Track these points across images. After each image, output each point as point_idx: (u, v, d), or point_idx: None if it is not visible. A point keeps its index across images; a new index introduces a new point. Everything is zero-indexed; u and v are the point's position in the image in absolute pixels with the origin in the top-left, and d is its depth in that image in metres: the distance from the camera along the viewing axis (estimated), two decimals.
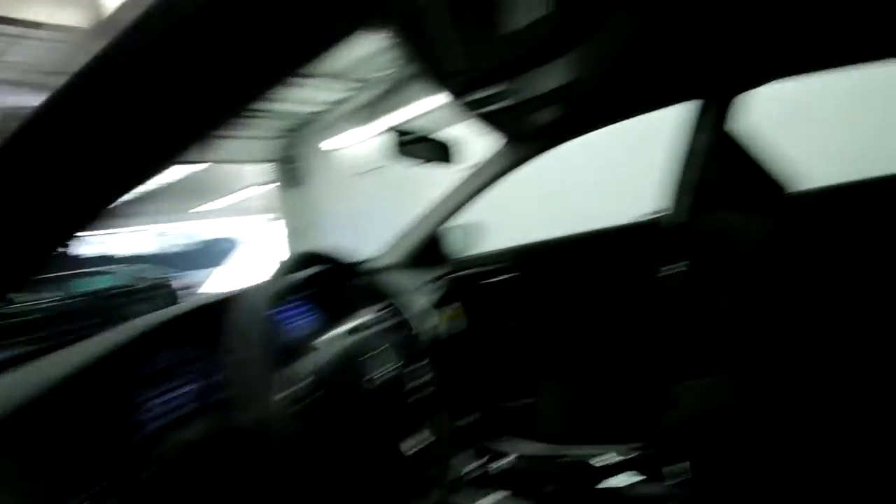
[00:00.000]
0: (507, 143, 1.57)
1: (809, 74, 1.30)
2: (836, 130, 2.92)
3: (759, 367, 0.94)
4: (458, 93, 1.07)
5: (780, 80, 1.33)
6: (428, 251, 1.80)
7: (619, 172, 3.76)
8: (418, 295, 1.48)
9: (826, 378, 0.87)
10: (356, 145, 5.83)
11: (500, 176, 1.63)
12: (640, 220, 1.82)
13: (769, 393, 0.89)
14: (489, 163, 1.64)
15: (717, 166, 1.38)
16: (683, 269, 1.53)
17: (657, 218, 1.73)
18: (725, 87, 1.41)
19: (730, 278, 1.27)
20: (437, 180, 1.72)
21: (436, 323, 1.47)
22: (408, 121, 4.77)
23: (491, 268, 1.90)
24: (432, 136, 1.30)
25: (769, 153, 1.28)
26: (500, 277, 1.89)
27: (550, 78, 1.07)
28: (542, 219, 2.85)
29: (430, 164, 1.31)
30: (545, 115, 1.34)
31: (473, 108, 1.18)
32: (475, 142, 1.56)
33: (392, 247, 1.78)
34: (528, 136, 1.53)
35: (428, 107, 4.58)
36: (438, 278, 1.71)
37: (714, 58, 1.24)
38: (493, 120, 1.29)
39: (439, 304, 1.60)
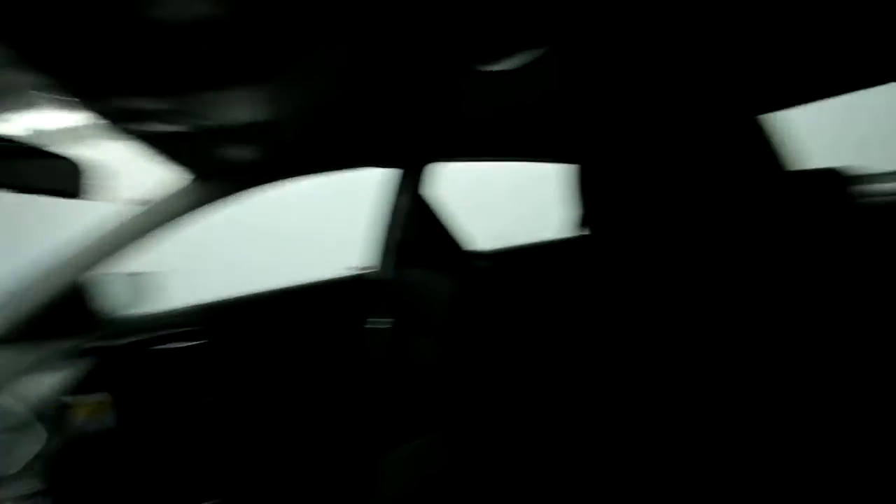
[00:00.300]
0: (191, 178, 1.26)
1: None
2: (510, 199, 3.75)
3: (463, 427, 0.94)
4: (97, 104, 0.75)
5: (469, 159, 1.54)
6: (62, 313, 1.25)
7: (331, 222, 3.79)
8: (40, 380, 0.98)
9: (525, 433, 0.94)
10: None
11: (179, 216, 1.28)
12: (347, 274, 1.78)
13: (473, 453, 0.90)
14: (164, 200, 1.27)
15: (414, 227, 1.46)
16: (389, 325, 1.54)
17: (364, 273, 1.72)
18: (420, 157, 1.53)
19: (427, 335, 1.32)
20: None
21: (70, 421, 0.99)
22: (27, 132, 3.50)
23: (165, 333, 1.48)
24: (55, 153, 0.88)
25: (453, 218, 1.43)
26: (180, 344, 1.49)
27: (240, 111, 0.89)
28: (239, 269, 2.53)
29: (43, 193, 0.88)
30: (237, 154, 1.12)
31: (130, 129, 0.86)
32: (142, 172, 1.19)
33: None
34: (215, 174, 1.26)
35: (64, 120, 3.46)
36: (77, 352, 1.20)
37: (411, 128, 1.33)
38: (164, 148, 0.99)
39: (78, 391, 1.10)
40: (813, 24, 0.82)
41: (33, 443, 0.91)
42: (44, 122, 3.33)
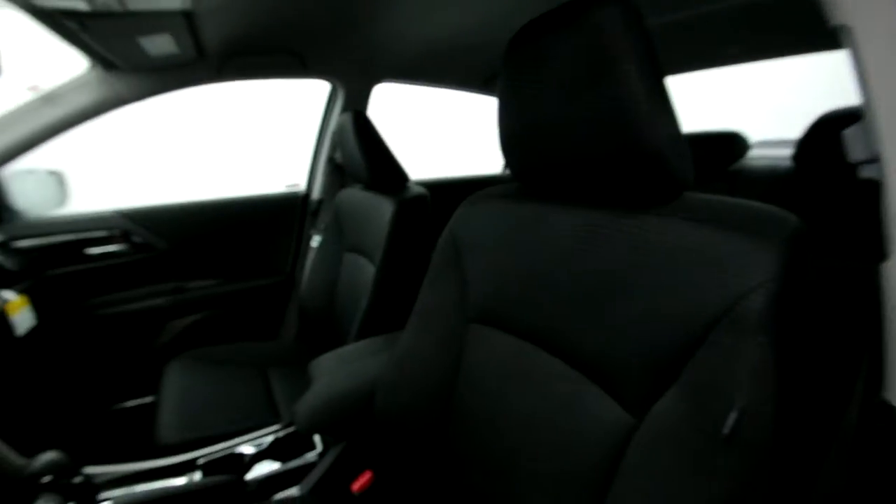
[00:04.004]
0: (103, 69, 1.18)
1: None
2: None
3: None
4: None
5: None
6: None
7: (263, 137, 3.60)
8: None
9: None
10: None
11: (94, 113, 1.21)
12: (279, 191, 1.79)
13: None
14: (77, 91, 1.19)
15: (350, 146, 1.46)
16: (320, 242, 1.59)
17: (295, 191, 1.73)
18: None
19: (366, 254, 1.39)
20: None
21: None
22: None
23: (95, 234, 1.43)
24: None
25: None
26: (106, 248, 1.46)
27: None
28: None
29: None
30: (159, 46, 1.06)
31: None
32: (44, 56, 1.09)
33: None
34: (136, 66, 1.19)
35: None
36: None
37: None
38: (72, 31, 0.91)
39: None
40: None
41: None
42: None
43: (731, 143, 1.60)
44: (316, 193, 1.78)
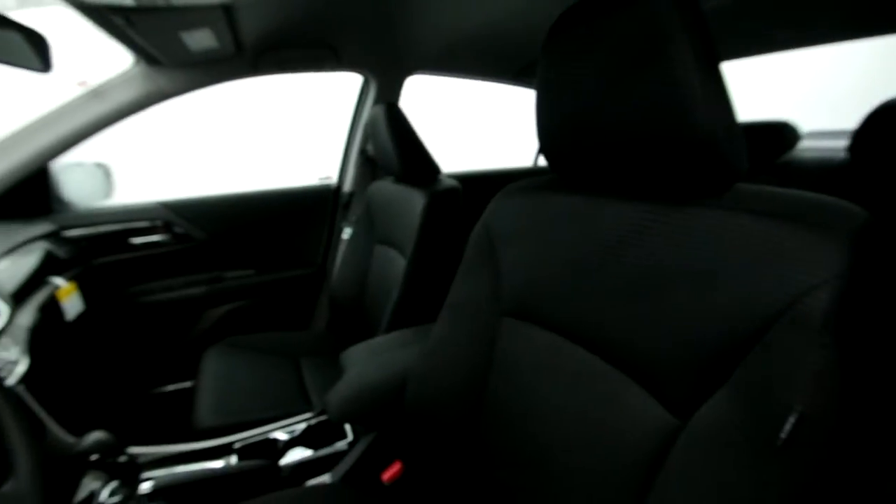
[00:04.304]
0: (146, 64, 1.22)
1: None
2: None
3: None
4: None
5: None
6: (20, 197, 1.24)
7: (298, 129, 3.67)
8: (1, 267, 1.00)
9: None
10: None
11: (138, 107, 1.25)
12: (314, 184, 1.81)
13: None
14: (123, 86, 1.23)
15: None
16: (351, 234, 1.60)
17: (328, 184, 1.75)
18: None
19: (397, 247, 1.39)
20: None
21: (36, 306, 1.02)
22: None
23: (139, 224, 1.49)
24: (24, 26, 0.83)
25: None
26: (149, 238, 1.51)
27: None
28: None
29: (8, 64, 0.85)
30: (199, 41, 1.08)
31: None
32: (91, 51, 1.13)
33: None
34: (177, 61, 1.22)
35: None
36: (42, 238, 1.21)
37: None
38: (118, 27, 0.94)
39: (40, 277, 1.12)
40: None
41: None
42: None
43: (780, 134, 1.52)
44: (347, 186, 1.80)
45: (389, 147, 1.26)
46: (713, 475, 0.42)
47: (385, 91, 1.64)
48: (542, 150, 0.62)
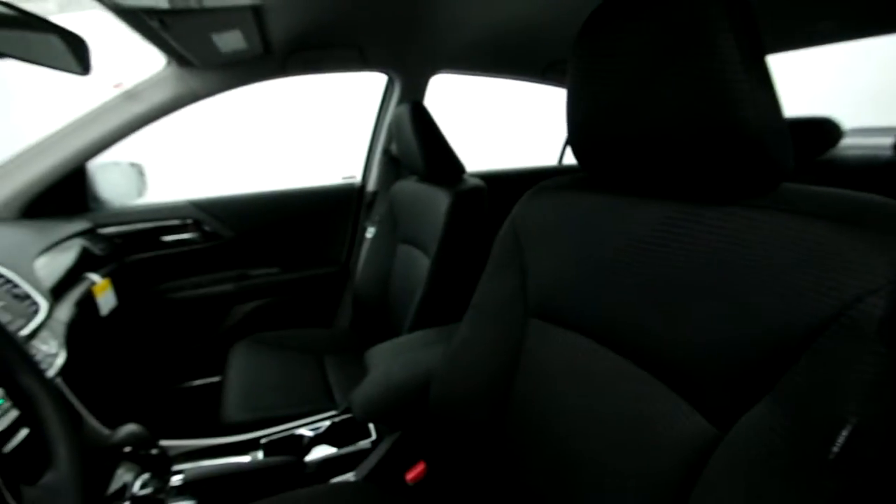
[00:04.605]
0: (180, 65, 1.25)
1: None
2: None
3: None
4: None
5: None
6: (59, 196, 1.28)
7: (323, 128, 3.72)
8: (41, 263, 1.03)
9: None
10: None
11: (170, 108, 1.29)
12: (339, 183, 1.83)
13: None
14: (156, 87, 1.27)
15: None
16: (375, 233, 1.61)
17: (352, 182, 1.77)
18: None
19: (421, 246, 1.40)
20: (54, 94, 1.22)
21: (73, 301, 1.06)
22: None
23: (170, 223, 1.53)
24: (64, 28, 0.86)
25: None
26: (180, 236, 1.55)
27: None
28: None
29: (50, 67, 0.88)
30: (229, 43, 1.10)
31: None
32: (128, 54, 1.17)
33: None
34: (208, 63, 1.25)
35: None
36: (79, 235, 1.25)
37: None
38: (152, 29, 0.97)
39: (77, 273, 1.16)
40: None
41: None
42: None
43: (822, 131, 1.46)
44: (371, 185, 1.81)
45: (414, 146, 1.26)
46: (756, 487, 0.40)
47: (410, 90, 1.64)
48: (573, 147, 0.61)
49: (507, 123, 5.62)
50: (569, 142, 0.61)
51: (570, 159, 2.41)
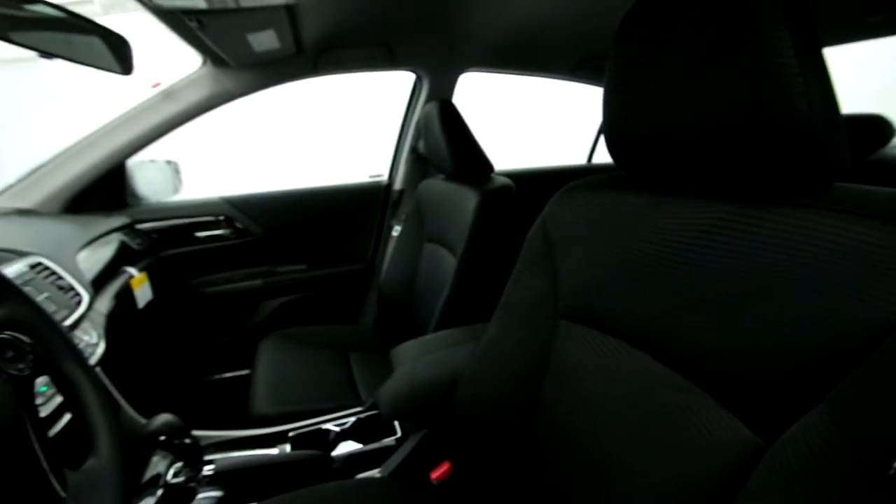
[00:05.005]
0: (215, 65, 1.28)
1: None
2: None
3: None
4: None
5: None
6: (100, 192, 1.33)
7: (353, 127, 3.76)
8: (83, 256, 1.07)
9: None
10: None
11: (206, 108, 1.32)
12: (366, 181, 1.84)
13: None
14: (191, 87, 1.30)
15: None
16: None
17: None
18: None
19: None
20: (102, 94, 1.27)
21: (112, 294, 1.10)
22: None
23: (204, 219, 1.57)
24: (107, 28, 0.89)
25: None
26: (212, 232, 1.59)
27: None
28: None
29: (95, 66, 0.91)
30: (263, 42, 1.12)
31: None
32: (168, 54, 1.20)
33: (34, 179, 1.24)
34: (242, 62, 1.27)
35: None
36: (118, 230, 1.29)
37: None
38: (190, 30, 0.99)
39: (116, 267, 1.20)
40: None
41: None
42: None
43: (874, 128, 1.39)
44: (398, 184, 1.81)
45: (442, 144, 1.26)
46: (803, 501, 0.38)
47: (438, 89, 1.64)
48: (609, 146, 0.59)
49: (531, 123, 5.58)
50: (605, 140, 0.59)
51: (599, 158, 2.37)
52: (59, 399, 0.69)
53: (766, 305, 0.43)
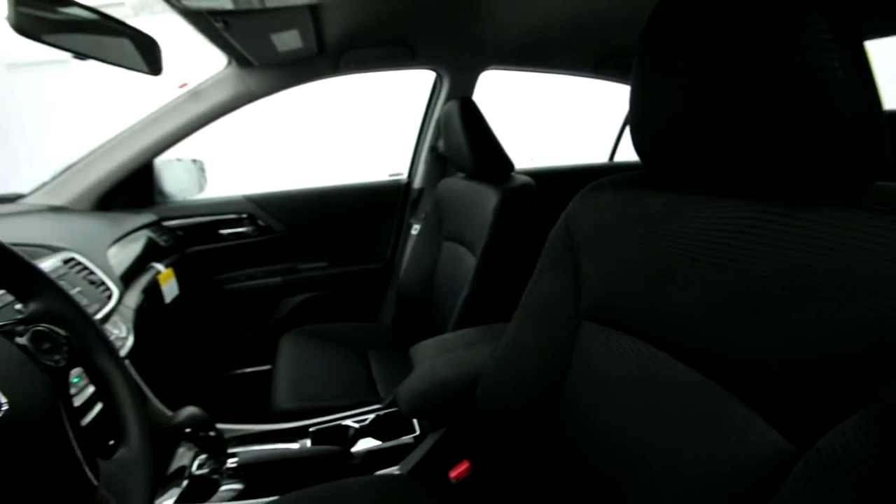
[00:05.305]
0: (239, 66, 1.30)
1: None
2: None
3: None
4: None
5: None
6: (129, 190, 1.37)
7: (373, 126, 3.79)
8: (113, 252, 1.10)
9: None
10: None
11: (230, 108, 1.34)
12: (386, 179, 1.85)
13: None
14: (216, 87, 1.33)
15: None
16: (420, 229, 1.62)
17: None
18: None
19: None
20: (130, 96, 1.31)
21: (140, 289, 1.12)
22: None
23: (227, 216, 1.61)
24: (137, 29, 0.92)
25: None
26: (236, 230, 1.62)
27: None
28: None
29: (125, 67, 0.94)
30: (286, 42, 1.14)
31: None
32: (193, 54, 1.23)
33: (65, 178, 1.28)
34: (266, 63, 1.29)
35: None
36: (146, 227, 1.33)
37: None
38: (216, 31, 1.01)
39: (144, 263, 1.23)
40: None
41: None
42: None
43: None
44: (417, 182, 1.82)
45: (463, 142, 1.26)
46: None
47: (458, 87, 1.63)
48: (636, 144, 0.58)
49: (550, 121, 5.53)
50: (632, 138, 0.58)
51: (621, 157, 2.33)
52: (89, 391, 0.71)
53: (801, 308, 0.41)
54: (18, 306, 0.51)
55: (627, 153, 2.32)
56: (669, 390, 0.53)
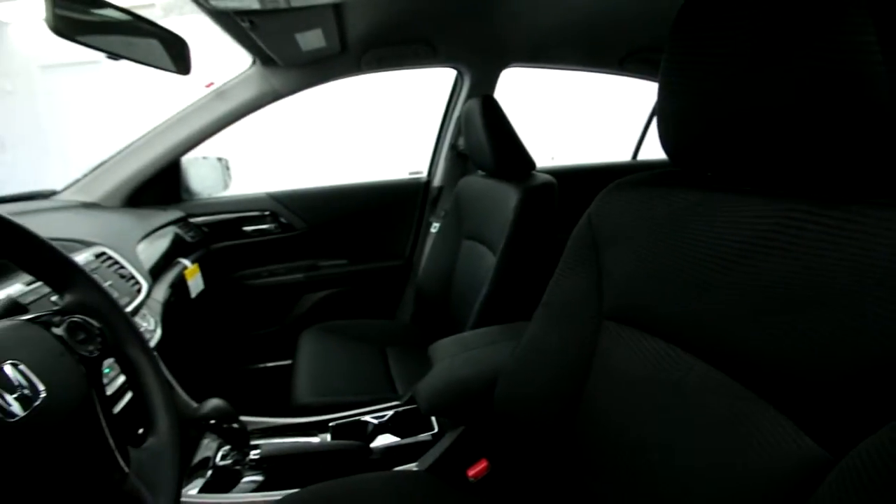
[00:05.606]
0: (264, 65, 1.32)
1: None
2: None
3: None
4: None
5: None
6: (157, 187, 1.41)
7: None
8: (142, 248, 1.14)
9: None
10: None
11: (254, 107, 1.37)
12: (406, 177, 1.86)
13: None
14: (241, 86, 1.35)
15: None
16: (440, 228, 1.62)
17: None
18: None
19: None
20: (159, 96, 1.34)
21: (168, 283, 1.15)
22: None
23: (251, 213, 1.64)
24: (166, 29, 0.94)
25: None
26: (259, 227, 1.65)
27: None
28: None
29: (155, 67, 0.96)
30: (310, 41, 1.15)
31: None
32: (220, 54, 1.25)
33: (96, 175, 1.32)
34: (290, 62, 1.31)
35: None
36: (173, 223, 1.36)
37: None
38: (242, 31, 1.02)
39: (171, 258, 1.27)
40: None
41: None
42: None
43: None
44: (437, 180, 1.82)
45: (484, 140, 1.25)
46: None
47: (480, 85, 1.63)
48: (664, 142, 0.57)
49: (570, 120, 5.47)
50: (659, 135, 0.57)
51: (644, 155, 2.29)
52: (119, 381, 0.73)
53: (838, 311, 0.40)
54: (54, 298, 0.53)
55: (649, 152, 2.28)
56: (696, 394, 0.52)
